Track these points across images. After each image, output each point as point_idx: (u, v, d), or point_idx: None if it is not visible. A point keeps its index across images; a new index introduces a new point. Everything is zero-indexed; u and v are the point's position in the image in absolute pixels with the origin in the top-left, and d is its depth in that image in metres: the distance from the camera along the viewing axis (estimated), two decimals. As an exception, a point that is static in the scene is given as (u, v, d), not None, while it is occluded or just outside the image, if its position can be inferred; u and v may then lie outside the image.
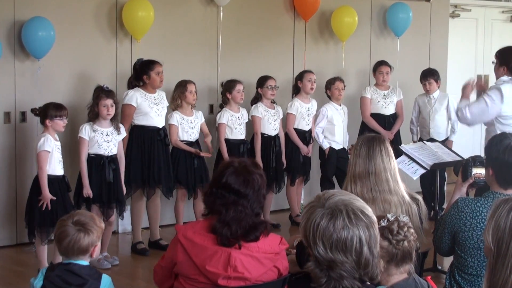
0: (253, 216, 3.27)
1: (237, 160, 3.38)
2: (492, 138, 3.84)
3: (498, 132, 5.56)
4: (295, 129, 7.54)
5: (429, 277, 2.94)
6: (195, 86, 6.81)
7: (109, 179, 6.11)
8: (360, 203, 2.42)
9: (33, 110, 5.92)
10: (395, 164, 3.73)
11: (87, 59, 6.95)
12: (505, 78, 5.78)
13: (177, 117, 6.73)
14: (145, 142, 6.50)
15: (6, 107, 6.58)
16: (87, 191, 6.02)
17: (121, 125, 6.24)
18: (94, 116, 6.08)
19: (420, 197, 3.87)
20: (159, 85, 6.54)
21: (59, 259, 3.35)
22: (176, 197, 6.87)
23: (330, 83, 7.75)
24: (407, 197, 3.70)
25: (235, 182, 3.24)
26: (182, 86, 6.75)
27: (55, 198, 5.69)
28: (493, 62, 5.97)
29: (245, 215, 3.24)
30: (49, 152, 5.71)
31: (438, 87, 7.93)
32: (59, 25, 6.62)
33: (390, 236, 2.78)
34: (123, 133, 6.25)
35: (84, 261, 3.23)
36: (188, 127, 6.79)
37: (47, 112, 5.75)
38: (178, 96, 6.75)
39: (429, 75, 7.83)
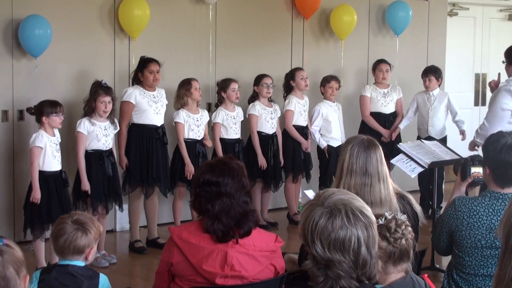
0: (240, 204, 3.29)
1: (213, 159, 3.53)
2: (489, 137, 3.83)
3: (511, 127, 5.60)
4: (293, 126, 7.55)
5: (426, 275, 2.93)
6: (198, 83, 6.82)
7: (109, 173, 6.15)
8: (359, 203, 2.41)
9: (28, 109, 5.93)
10: (386, 167, 3.69)
11: (86, 57, 6.95)
12: None
13: (183, 115, 6.73)
14: (144, 140, 6.50)
15: (4, 105, 6.57)
16: (85, 186, 6.03)
17: (115, 119, 6.28)
18: (90, 110, 6.10)
19: (408, 195, 3.82)
20: (152, 84, 6.51)
21: (57, 258, 3.31)
22: (174, 195, 6.87)
23: (326, 81, 7.74)
24: (394, 203, 3.62)
25: (212, 176, 3.30)
26: (186, 83, 6.75)
27: (39, 197, 5.70)
28: (503, 62, 5.93)
29: (232, 205, 3.26)
30: (42, 148, 5.73)
31: (439, 86, 7.95)
32: (57, 23, 6.61)
33: (388, 234, 2.78)
34: (117, 127, 6.30)
35: (81, 262, 3.21)
36: (194, 125, 6.78)
37: (43, 109, 5.76)
38: (184, 94, 6.74)
39: (430, 72, 7.86)
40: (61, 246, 3.18)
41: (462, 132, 7.87)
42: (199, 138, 6.82)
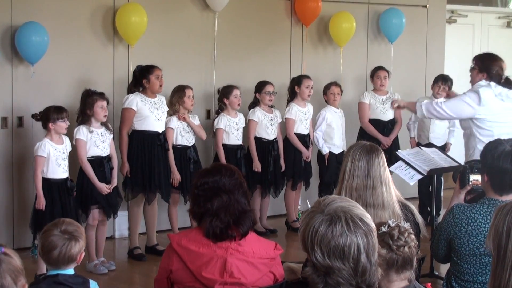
0: (239, 201, 3.32)
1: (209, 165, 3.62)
2: (488, 144, 3.84)
3: (477, 135, 5.63)
4: (295, 133, 7.55)
5: (429, 284, 2.93)
6: (193, 91, 6.83)
7: (109, 178, 6.17)
8: (359, 210, 2.41)
9: (34, 116, 5.94)
10: (389, 173, 3.71)
11: (84, 64, 6.96)
12: (482, 82, 5.75)
13: (175, 121, 6.74)
14: (145, 147, 6.51)
15: (3, 112, 6.57)
16: (102, 188, 6.05)
17: (108, 125, 6.29)
18: (86, 119, 6.10)
19: (411, 205, 3.81)
20: (158, 90, 6.55)
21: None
22: (169, 202, 6.87)
23: (326, 88, 7.77)
24: (397, 210, 3.63)
25: (210, 176, 3.34)
26: (180, 91, 6.77)
27: (44, 203, 5.73)
28: (471, 67, 5.94)
29: (230, 201, 3.29)
30: (44, 157, 5.76)
31: None
32: (56, 31, 6.62)
33: (391, 241, 2.78)
34: (112, 133, 6.31)
35: (71, 270, 3.20)
36: (185, 131, 6.80)
37: (49, 115, 5.79)
38: (176, 101, 6.76)
39: (449, 80, 7.81)
40: (55, 259, 3.14)
41: (447, 145, 7.89)
42: (190, 144, 6.84)
